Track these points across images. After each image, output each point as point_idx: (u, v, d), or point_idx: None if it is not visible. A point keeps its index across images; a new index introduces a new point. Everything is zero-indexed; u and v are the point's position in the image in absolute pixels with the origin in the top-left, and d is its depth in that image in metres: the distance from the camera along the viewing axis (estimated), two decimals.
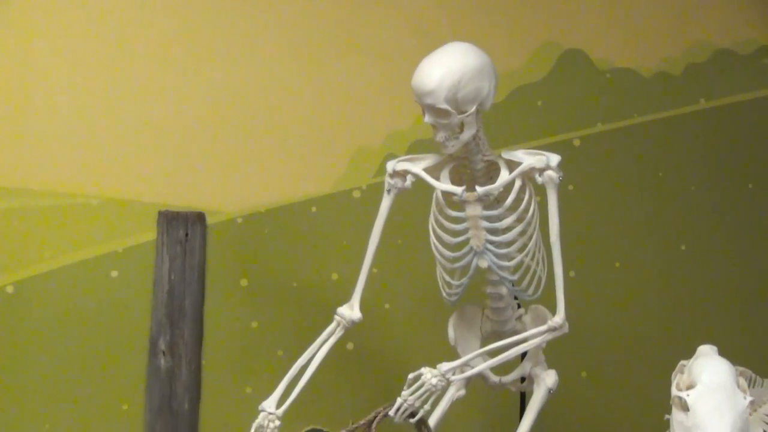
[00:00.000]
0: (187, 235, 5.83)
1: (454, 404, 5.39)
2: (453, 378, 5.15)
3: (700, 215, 6.51)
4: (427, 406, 5.09)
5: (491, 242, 5.29)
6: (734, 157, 6.54)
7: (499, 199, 5.23)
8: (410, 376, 5.02)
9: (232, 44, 6.02)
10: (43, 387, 5.78)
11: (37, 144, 5.80)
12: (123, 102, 5.89)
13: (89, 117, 5.86)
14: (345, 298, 5.28)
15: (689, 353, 5.15)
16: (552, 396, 5.48)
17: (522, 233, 5.31)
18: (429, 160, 5.33)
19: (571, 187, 5.67)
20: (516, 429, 5.43)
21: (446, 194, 5.27)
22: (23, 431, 5.78)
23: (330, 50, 6.08)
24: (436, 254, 5.36)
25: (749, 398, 4.97)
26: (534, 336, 5.32)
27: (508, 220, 5.27)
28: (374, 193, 5.65)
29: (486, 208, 5.25)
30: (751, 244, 6.58)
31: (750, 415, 5.06)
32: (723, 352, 5.10)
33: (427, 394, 5.06)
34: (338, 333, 5.30)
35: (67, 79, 5.85)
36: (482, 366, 5.30)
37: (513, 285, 5.38)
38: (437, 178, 5.28)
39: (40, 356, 5.78)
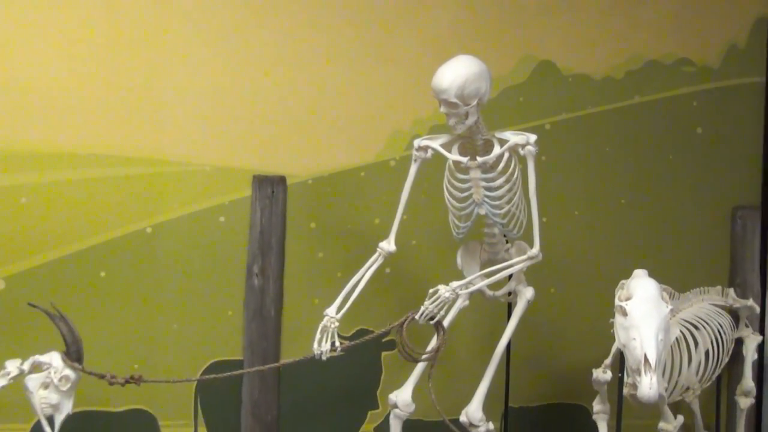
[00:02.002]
0: (273, 192, 5.86)
1: (461, 311, 5.43)
2: (460, 292, 5.24)
3: (635, 177, 6.50)
4: (442, 312, 5.17)
5: (487, 196, 5.35)
6: (658, 136, 6.51)
7: (493, 166, 5.29)
8: (430, 290, 5.11)
9: (307, 50, 6.01)
10: (173, 299, 5.85)
11: (168, 124, 5.81)
12: (229, 92, 5.89)
13: (207, 103, 5.88)
14: (384, 236, 5.35)
15: (627, 275, 5.23)
16: (530, 305, 5.55)
17: (509, 190, 5.36)
18: (443, 138, 5.39)
19: (543, 158, 5.70)
20: (504, 329, 5.51)
21: (455, 162, 5.35)
22: (161, 330, 5.84)
23: (373, 59, 6.06)
24: (448, 205, 5.42)
25: (670, 307, 5.06)
26: (518, 263, 5.39)
27: (499, 181, 5.32)
28: (405, 162, 5.68)
29: (484, 172, 5.32)
30: (669, 199, 6.56)
31: (670, 319, 5.11)
32: (651, 275, 5.17)
33: (442, 303, 5.14)
34: (379, 261, 5.38)
35: (190, 66, 5.85)
36: (481, 284, 5.37)
37: (503, 227, 5.43)
38: (449, 151, 5.35)
39: (172, 278, 5.84)
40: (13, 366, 4.97)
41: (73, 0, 5.61)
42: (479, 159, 5.33)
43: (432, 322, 5.15)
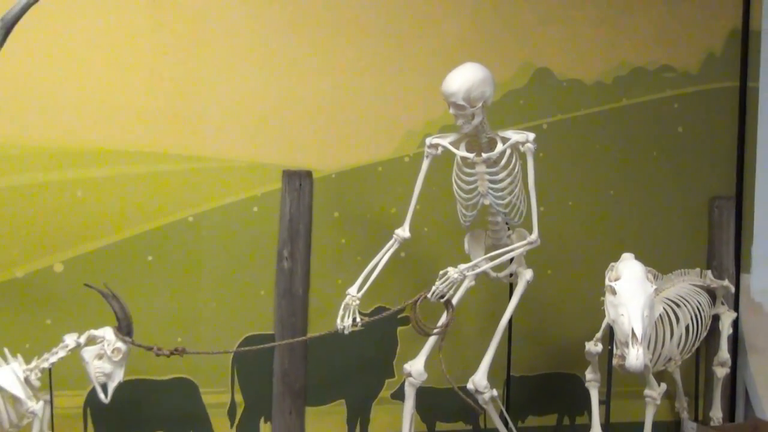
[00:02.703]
0: (300, 185, 5.83)
1: (468, 290, 5.45)
2: (467, 273, 5.24)
3: (622, 172, 6.49)
4: (451, 291, 5.18)
5: (491, 188, 5.35)
6: (643, 135, 6.51)
7: (496, 161, 5.30)
8: (441, 272, 5.12)
9: (332, 60, 6.00)
10: (212, 280, 5.84)
11: (208, 125, 5.80)
12: (262, 96, 5.87)
13: (242, 107, 5.86)
14: (399, 224, 5.36)
15: (616, 258, 5.26)
16: (529, 286, 5.55)
17: (511, 183, 5.36)
18: (452, 136, 5.39)
19: (541, 154, 5.68)
20: (506, 307, 5.52)
21: (463, 158, 5.36)
22: (201, 307, 5.84)
23: (389, 67, 6.06)
24: (456, 196, 5.43)
25: (654, 287, 5.09)
26: (518, 247, 5.40)
27: (502, 175, 5.33)
28: (418, 158, 5.66)
29: (488, 167, 5.32)
30: (653, 190, 6.56)
31: (654, 297, 5.11)
32: (637, 258, 5.20)
33: (451, 283, 5.14)
34: (395, 246, 5.39)
35: (228, 74, 5.83)
36: (486, 266, 5.37)
37: (505, 215, 5.44)
38: (457, 148, 5.35)
39: (211, 261, 5.83)
40: (71, 339, 5.00)
41: (120, 10, 5.61)
42: (484, 155, 5.34)
43: (442, 300, 5.16)
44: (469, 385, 5.43)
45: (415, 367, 5.47)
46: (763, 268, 6.53)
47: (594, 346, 5.63)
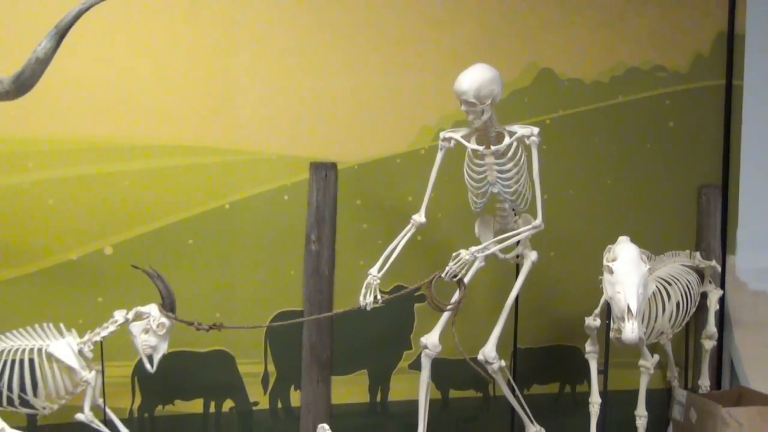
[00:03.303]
0: (326, 175, 5.82)
1: (479, 270, 5.42)
2: (478, 255, 5.22)
3: (618, 162, 6.45)
4: (463, 271, 5.16)
5: (499, 178, 5.33)
6: (637, 129, 6.47)
7: (504, 153, 5.27)
8: (453, 254, 5.09)
9: (355, 63, 5.99)
10: (246, 261, 5.86)
11: (242, 121, 5.81)
12: (291, 95, 5.87)
13: (273, 104, 5.86)
14: (416, 210, 5.35)
15: (613, 240, 5.25)
16: (534, 266, 5.55)
17: (517, 173, 5.33)
18: (464, 131, 5.37)
19: (545, 147, 5.61)
20: (513, 285, 5.50)
21: (473, 150, 5.32)
22: (237, 286, 5.85)
23: (407, 68, 6.03)
24: (468, 184, 5.40)
25: (647, 267, 5.08)
26: (524, 231, 5.36)
27: (509, 165, 5.30)
28: (432, 151, 5.65)
29: (496, 158, 5.29)
30: (646, 179, 6.52)
31: (648, 276, 5.09)
32: (632, 240, 5.20)
33: (463, 264, 5.12)
34: (412, 230, 5.37)
35: (260, 74, 5.83)
36: (494, 248, 5.34)
37: (512, 202, 5.41)
38: (468, 142, 5.32)
39: (245, 244, 5.84)
40: (120, 315, 5.03)
41: (162, 16, 5.62)
42: (493, 147, 5.30)
43: (455, 279, 5.13)
44: (480, 356, 5.42)
45: (431, 340, 5.46)
46: (747, 250, 6.53)
47: (593, 321, 5.62)
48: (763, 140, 6.55)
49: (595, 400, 5.71)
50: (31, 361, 4.92)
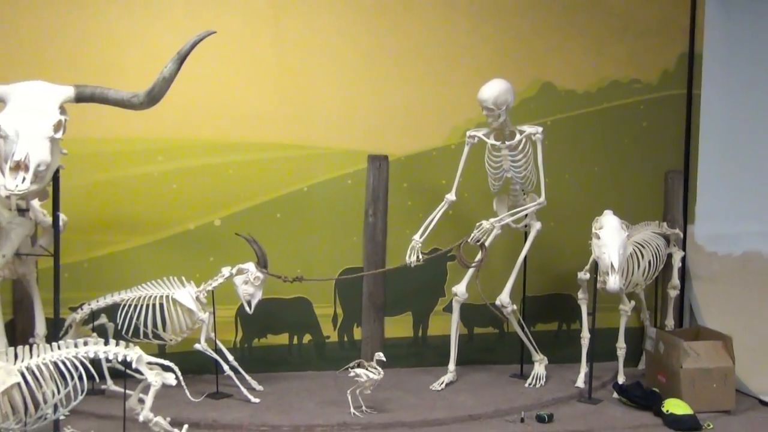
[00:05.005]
0: (380, 165, 5.80)
1: (496, 237, 5.40)
2: (496, 225, 5.25)
3: (604, 153, 6.35)
4: (484, 237, 5.19)
5: (512, 166, 5.33)
6: (618, 128, 6.37)
7: (516, 147, 5.28)
8: (477, 224, 5.14)
9: (405, 75, 5.95)
10: (321, 230, 5.86)
11: (317, 122, 5.79)
12: (355, 101, 5.84)
13: (340, 109, 5.83)
14: (449, 191, 5.41)
15: (599, 213, 5.22)
16: (539, 233, 5.54)
17: (525, 162, 5.35)
18: (485, 130, 5.39)
19: (547, 142, 5.54)
20: (522, 248, 5.53)
21: (492, 145, 5.35)
22: (314, 248, 5.86)
23: (443, 81, 5.98)
24: (488, 171, 5.44)
25: (626, 233, 5.08)
26: (531, 207, 5.42)
27: (519, 156, 5.31)
28: (461, 146, 5.61)
29: (510, 151, 5.30)
30: (625, 166, 6.41)
31: (627, 241, 5.06)
32: (615, 213, 5.15)
33: (484, 231, 5.16)
34: (445, 206, 5.42)
35: (330, 84, 5.81)
36: (508, 219, 5.38)
37: (522, 185, 5.42)
38: (488, 138, 5.34)
39: (319, 218, 5.84)
40: (226, 271, 5.10)
41: (254, 41, 5.66)
42: (507, 143, 5.30)
43: (478, 243, 5.16)
44: (497, 302, 5.43)
45: (460, 289, 5.48)
46: (704, 221, 6.49)
47: (584, 275, 5.58)
48: (716, 137, 6.46)
49: (586, 335, 5.68)
50: (161, 305, 5.01)
